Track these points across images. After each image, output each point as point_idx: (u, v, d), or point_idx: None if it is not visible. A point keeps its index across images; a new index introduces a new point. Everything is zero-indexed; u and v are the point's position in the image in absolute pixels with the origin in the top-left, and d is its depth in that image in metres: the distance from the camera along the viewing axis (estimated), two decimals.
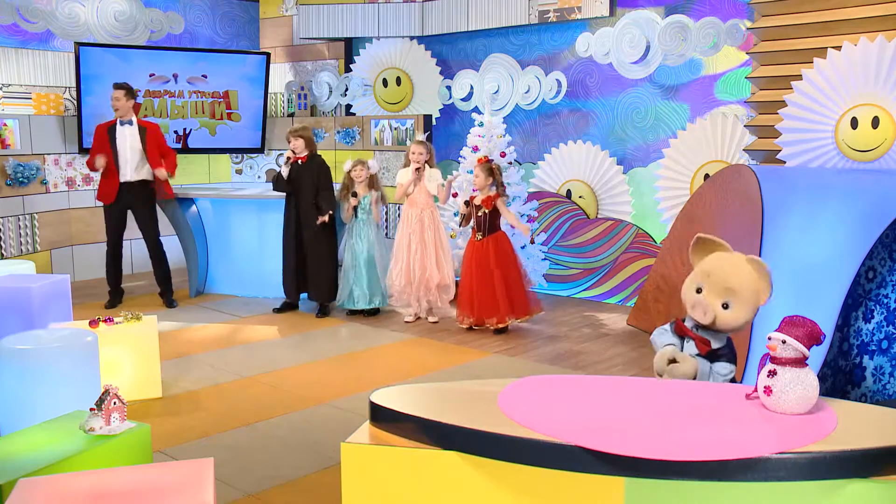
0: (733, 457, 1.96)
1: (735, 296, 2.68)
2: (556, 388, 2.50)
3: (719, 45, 6.34)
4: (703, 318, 2.72)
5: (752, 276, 2.66)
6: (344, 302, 6.31)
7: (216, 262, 7.27)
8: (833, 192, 4.22)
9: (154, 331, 4.44)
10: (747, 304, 2.68)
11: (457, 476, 2.16)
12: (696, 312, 2.73)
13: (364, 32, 8.39)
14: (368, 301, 6.26)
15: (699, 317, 2.73)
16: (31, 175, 7.23)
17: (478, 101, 7.87)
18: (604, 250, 6.96)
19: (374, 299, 6.27)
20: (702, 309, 2.71)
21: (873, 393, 4.28)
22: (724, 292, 2.69)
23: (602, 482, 2.04)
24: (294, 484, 3.36)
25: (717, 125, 6.30)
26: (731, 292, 2.68)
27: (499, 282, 5.71)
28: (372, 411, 2.38)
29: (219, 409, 4.29)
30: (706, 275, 2.75)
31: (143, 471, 2.30)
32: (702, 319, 2.72)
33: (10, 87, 7.56)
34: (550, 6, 7.19)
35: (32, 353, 3.48)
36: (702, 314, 2.72)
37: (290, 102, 9.15)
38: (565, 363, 5.15)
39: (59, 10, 7.83)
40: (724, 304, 2.70)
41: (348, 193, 6.22)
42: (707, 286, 2.73)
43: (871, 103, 4.90)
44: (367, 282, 6.24)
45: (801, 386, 2.20)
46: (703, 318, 2.71)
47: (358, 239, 6.23)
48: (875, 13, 5.03)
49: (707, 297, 2.72)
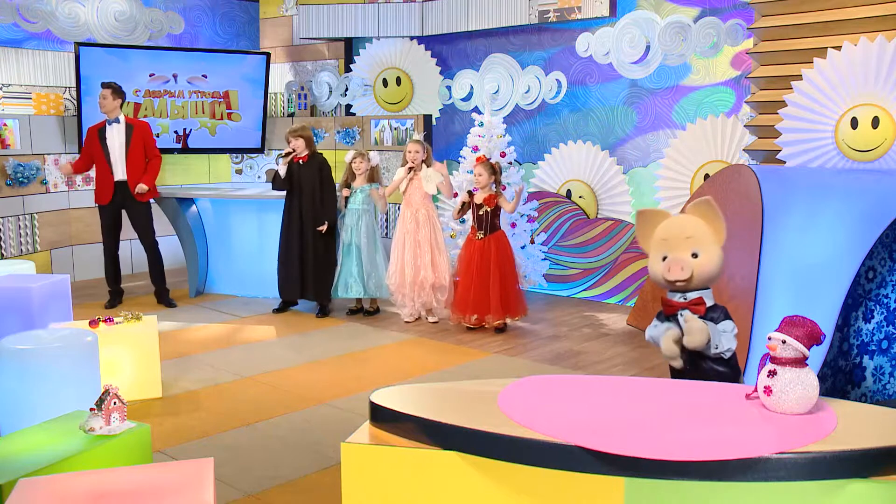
0: (733, 457, 1.96)
1: (698, 241, 2.73)
2: (556, 388, 2.50)
3: (719, 45, 6.34)
4: (682, 273, 2.72)
5: (702, 220, 2.75)
6: (333, 292, 6.32)
7: (216, 262, 7.27)
8: (833, 192, 4.22)
9: (154, 331, 4.44)
10: (713, 245, 2.73)
11: (457, 476, 2.16)
12: (673, 272, 2.74)
13: (364, 32, 8.39)
14: (347, 290, 6.25)
15: (678, 274, 2.73)
16: (31, 175, 7.23)
17: (478, 101, 7.87)
18: (604, 250, 6.96)
19: (355, 289, 6.26)
20: (678, 265, 2.73)
21: (873, 393, 4.28)
22: (687, 242, 2.74)
23: (602, 482, 2.04)
24: (294, 484, 3.35)
25: (717, 125, 6.30)
26: (692, 240, 2.74)
27: (497, 281, 5.72)
28: (372, 411, 2.38)
29: (219, 409, 4.29)
30: (664, 240, 2.80)
31: (143, 471, 2.30)
32: (682, 275, 2.73)
33: (10, 87, 7.56)
34: (550, 6, 7.19)
35: (32, 353, 3.48)
36: (679, 270, 2.73)
37: (290, 102, 9.15)
38: (565, 363, 5.15)
39: (59, 10, 7.83)
40: (693, 254, 2.74)
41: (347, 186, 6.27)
42: (669, 248, 2.78)
43: (871, 103, 4.89)
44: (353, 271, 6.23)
45: (801, 386, 2.20)
46: (682, 272, 2.72)
47: (348, 230, 6.25)
48: (875, 13, 5.03)
49: (675, 255, 2.75)
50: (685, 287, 2.78)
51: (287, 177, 6.27)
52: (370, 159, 6.26)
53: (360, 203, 6.25)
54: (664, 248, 2.80)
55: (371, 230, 6.31)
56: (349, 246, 6.26)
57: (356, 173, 6.26)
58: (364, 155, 6.26)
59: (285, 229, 6.38)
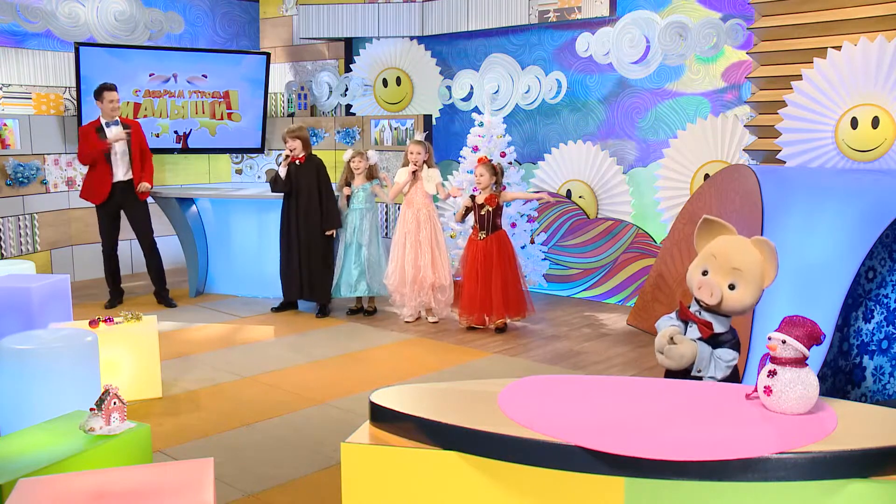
0: (733, 457, 1.96)
1: (741, 276, 2.66)
2: (556, 388, 2.50)
3: (719, 45, 6.34)
4: (709, 299, 2.69)
5: (758, 257, 2.66)
6: (334, 292, 6.32)
7: (216, 262, 7.27)
8: (833, 192, 4.22)
9: (154, 331, 4.44)
10: (753, 285, 2.67)
11: (457, 476, 2.16)
12: (702, 293, 2.71)
13: (364, 32, 8.39)
14: (352, 290, 6.26)
15: (706, 297, 2.70)
16: (31, 175, 7.23)
17: (478, 101, 7.86)
18: (604, 250, 6.96)
19: (358, 288, 6.27)
20: (708, 289, 2.69)
21: (873, 393, 4.28)
22: (730, 273, 2.68)
23: (602, 482, 2.04)
24: (294, 484, 3.35)
25: (717, 125, 6.30)
26: (737, 273, 2.67)
27: (499, 280, 5.72)
28: (372, 411, 2.38)
29: (219, 409, 4.29)
30: (712, 256, 2.73)
31: (143, 471, 2.30)
32: (708, 300, 2.69)
33: (10, 87, 7.55)
34: (550, 6, 7.19)
35: (32, 353, 3.48)
36: (708, 294, 2.69)
37: (290, 102, 9.15)
38: (565, 363, 5.15)
39: (59, 10, 7.83)
40: (730, 284, 2.68)
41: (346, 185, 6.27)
42: (713, 267, 2.72)
43: (871, 103, 4.89)
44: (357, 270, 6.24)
45: (801, 386, 2.20)
46: (710, 298, 2.69)
47: (352, 230, 6.24)
48: (875, 13, 5.03)
49: (713, 277, 2.70)
50: (708, 309, 2.76)
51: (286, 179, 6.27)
52: (369, 158, 6.27)
53: (362, 202, 6.26)
54: (709, 262, 2.74)
55: (374, 228, 6.34)
56: (352, 245, 6.26)
57: (355, 173, 6.26)
58: (363, 154, 6.27)
59: (284, 231, 6.38)
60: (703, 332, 2.74)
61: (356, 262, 6.26)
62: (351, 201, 6.27)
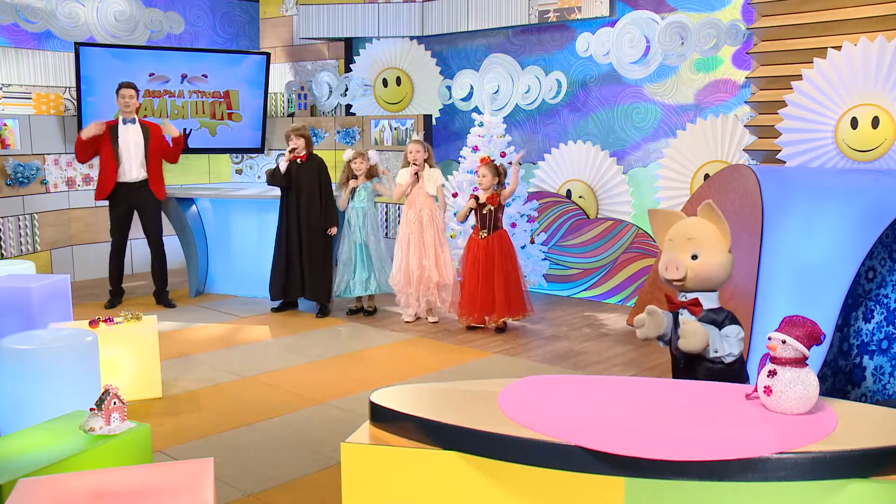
0: (733, 457, 1.96)
1: (699, 244, 2.76)
2: (556, 388, 2.50)
3: (719, 45, 6.33)
4: (676, 273, 2.77)
5: (709, 223, 2.78)
6: (341, 293, 6.32)
7: (216, 262, 7.27)
8: (833, 192, 4.22)
9: (154, 331, 4.44)
10: (714, 248, 2.76)
11: (457, 476, 2.16)
12: (669, 272, 2.79)
13: (364, 32, 8.39)
14: (365, 288, 6.27)
15: (673, 274, 2.78)
16: (31, 175, 7.23)
17: (478, 101, 7.87)
18: (604, 250, 6.96)
19: (370, 286, 6.28)
20: (673, 265, 2.78)
21: (873, 393, 4.28)
22: (688, 244, 2.78)
23: (602, 482, 2.04)
24: (294, 484, 3.35)
25: (717, 125, 6.30)
26: (693, 242, 2.77)
27: (500, 280, 5.72)
28: (372, 411, 2.38)
29: (219, 409, 4.29)
30: (669, 241, 2.85)
31: (143, 471, 2.30)
32: (676, 274, 2.77)
33: (10, 87, 7.55)
34: (550, 6, 7.19)
35: (32, 353, 3.48)
36: (674, 270, 2.77)
37: (290, 102, 9.15)
38: (565, 363, 5.15)
39: (59, 10, 7.83)
40: (692, 255, 2.77)
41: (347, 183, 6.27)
42: (673, 247, 2.82)
43: (871, 103, 4.89)
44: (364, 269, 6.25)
45: (801, 386, 2.20)
46: (677, 272, 2.77)
47: (355, 229, 6.25)
48: (875, 13, 5.03)
49: (674, 256, 2.80)
50: (682, 287, 2.82)
51: (285, 175, 6.27)
52: (369, 158, 6.27)
53: (364, 201, 6.26)
54: (669, 247, 2.85)
55: (376, 227, 6.36)
56: (356, 244, 6.26)
57: (356, 173, 6.26)
58: (363, 154, 6.27)
59: (283, 228, 6.37)
60: (694, 311, 2.79)
61: (365, 261, 6.26)
62: (352, 199, 6.27)
